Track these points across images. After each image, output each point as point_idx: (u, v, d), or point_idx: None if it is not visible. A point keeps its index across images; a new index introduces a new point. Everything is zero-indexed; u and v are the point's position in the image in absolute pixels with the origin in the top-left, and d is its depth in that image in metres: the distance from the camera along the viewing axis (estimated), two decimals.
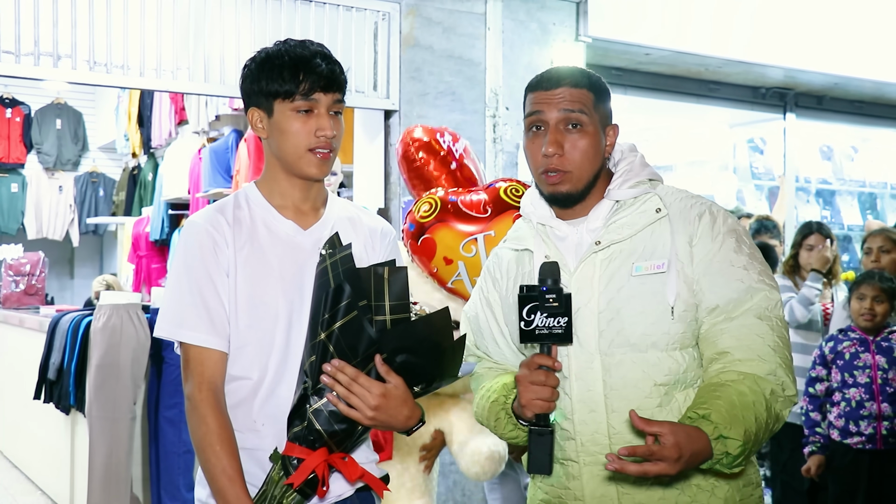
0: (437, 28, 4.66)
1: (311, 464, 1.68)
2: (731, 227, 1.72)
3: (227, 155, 6.02)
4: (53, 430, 5.12)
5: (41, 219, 9.20)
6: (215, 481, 1.70)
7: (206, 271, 1.75)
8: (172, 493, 4.12)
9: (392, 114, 4.66)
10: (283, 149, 1.80)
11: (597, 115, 1.74)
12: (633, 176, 1.77)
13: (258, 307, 1.77)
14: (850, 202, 7.36)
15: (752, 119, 6.67)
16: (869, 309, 3.70)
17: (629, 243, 1.72)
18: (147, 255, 7.54)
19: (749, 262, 1.69)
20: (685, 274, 1.68)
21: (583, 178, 1.74)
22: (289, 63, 1.75)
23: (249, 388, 1.77)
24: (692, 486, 1.69)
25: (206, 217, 1.81)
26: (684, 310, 1.68)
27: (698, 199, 1.76)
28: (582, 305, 1.71)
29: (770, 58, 5.68)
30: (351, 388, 1.64)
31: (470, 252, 2.41)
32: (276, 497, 1.69)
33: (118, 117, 8.49)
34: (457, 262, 2.42)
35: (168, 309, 1.78)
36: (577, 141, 1.72)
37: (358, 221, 1.93)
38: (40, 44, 3.93)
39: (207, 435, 1.71)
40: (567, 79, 1.74)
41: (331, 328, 1.64)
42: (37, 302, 6.47)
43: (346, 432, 1.71)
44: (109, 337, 3.99)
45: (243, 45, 4.30)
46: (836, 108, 6.72)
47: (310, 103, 1.76)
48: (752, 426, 1.54)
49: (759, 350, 1.64)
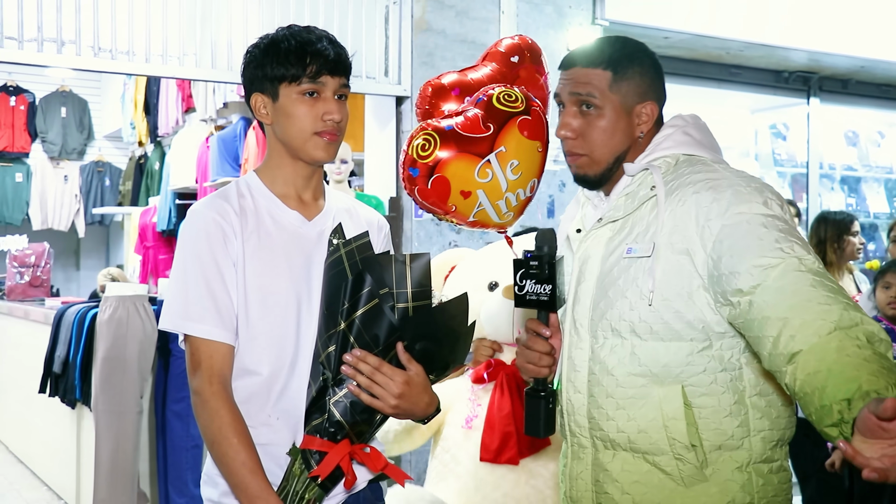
0: (449, 12, 4.57)
1: (335, 457, 1.68)
2: (754, 212, 1.53)
3: (236, 143, 6.02)
4: (59, 424, 5.13)
5: (46, 209, 9.18)
6: (235, 475, 1.68)
7: (213, 261, 1.73)
8: (180, 488, 4.13)
9: (404, 100, 4.59)
10: (288, 133, 1.79)
11: (616, 95, 1.69)
12: (656, 150, 1.70)
13: (268, 298, 1.75)
14: (876, 189, 7.23)
15: (774, 104, 6.58)
16: (894, 296, 3.64)
17: (626, 222, 1.69)
18: (154, 245, 7.58)
19: (777, 238, 1.49)
20: (676, 260, 1.57)
21: (601, 161, 1.71)
22: (295, 47, 1.76)
23: (262, 381, 1.75)
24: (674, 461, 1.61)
25: (212, 205, 1.78)
26: (667, 298, 1.57)
27: (724, 180, 1.59)
28: (584, 281, 1.71)
29: (793, 41, 5.58)
30: (374, 377, 1.65)
31: (486, 177, 2.26)
32: (298, 492, 1.69)
33: (124, 105, 8.50)
34: (475, 192, 2.27)
35: (174, 300, 1.75)
36: (592, 122, 1.70)
37: (355, 213, 1.94)
38: (44, 29, 3.90)
39: (223, 428, 1.68)
40: (581, 59, 1.72)
41: (351, 317, 1.65)
42: (42, 294, 6.50)
43: (367, 422, 1.71)
44: (116, 329, 3.99)
45: (251, 30, 4.25)
46: (861, 93, 6.61)
47: (316, 86, 1.77)
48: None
49: (814, 310, 1.40)
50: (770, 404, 1.61)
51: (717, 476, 1.59)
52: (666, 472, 1.60)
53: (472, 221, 2.36)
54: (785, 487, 1.66)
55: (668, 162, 1.68)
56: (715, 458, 1.59)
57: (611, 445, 1.65)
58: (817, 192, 6.52)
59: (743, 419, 1.59)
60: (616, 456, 1.65)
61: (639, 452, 1.62)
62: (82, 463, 4.80)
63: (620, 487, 1.64)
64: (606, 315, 1.64)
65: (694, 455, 1.58)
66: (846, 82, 6.50)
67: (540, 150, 2.30)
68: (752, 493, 1.60)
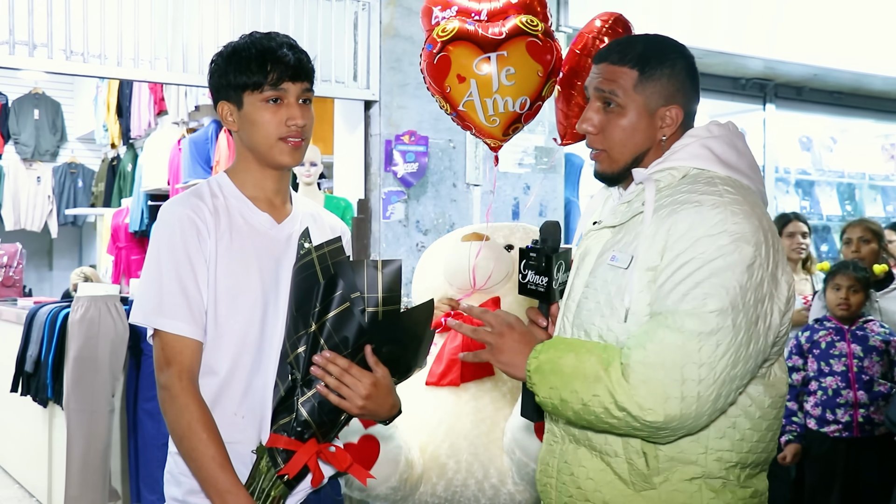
0: (417, 18, 4.58)
1: (303, 456, 1.70)
2: (700, 254, 1.49)
3: (207, 146, 6.02)
4: (31, 422, 5.09)
5: (19, 210, 9.12)
6: (204, 469, 1.69)
7: (187, 258, 1.74)
8: (151, 485, 4.12)
9: (372, 104, 4.66)
10: (254, 140, 1.81)
11: (640, 96, 1.65)
12: (669, 159, 1.65)
13: (237, 298, 1.77)
14: (828, 192, 7.40)
15: (732, 110, 6.68)
16: (844, 299, 3.74)
17: (618, 230, 1.67)
18: (126, 246, 7.52)
19: (693, 295, 1.48)
20: (647, 276, 1.55)
21: (619, 160, 1.68)
22: (256, 55, 1.78)
23: (226, 379, 1.77)
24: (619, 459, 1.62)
25: (187, 203, 1.79)
26: (636, 314, 1.55)
27: (712, 205, 1.52)
28: (578, 277, 1.70)
29: (750, 49, 5.72)
30: (342, 378, 1.67)
31: (482, 71, 2.48)
32: (264, 489, 1.71)
33: (97, 107, 8.45)
34: (469, 80, 2.48)
35: (146, 295, 1.76)
36: (613, 120, 1.67)
37: (319, 218, 1.96)
38: (15, 32, 3.92)
39: (192, 423, 1.69)
40: (613, 55, 1.69)
41: (322, 319, 1.67)
42: (14, 294, 6.44)
43: (333, 422, 1.74)
44: (87, 329, 3.99)
45: (222, 34, 4.29)
46: (815, 100, 6.78)
47: (278, 93, 1.78)
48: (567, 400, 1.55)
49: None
50: (734, 426, 1.57)
51: (666, 485, 1.57)
52: (617, 473, 1.61)
53: (461, 111, 2.56)
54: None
55: (673, 175, 1.63)
56: (666, 468, 1.57)
57: (574, 440, 1.67)
58: (773, 194, 6.63)
59: (699, 436, 1.55)
60: (577, 450, 1.67)
61: (596, 451, 1.63)
62: (54, 461, 4.77)
63: (576, 481, 1.66)
64: (583, 315, 1.65)
65: (644, 462, 1.58)
66: (800, 89, 6.65)
67: (540, 74, 2.53)
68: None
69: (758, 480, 1.65)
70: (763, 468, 1.67)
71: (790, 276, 1.61)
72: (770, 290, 1.54)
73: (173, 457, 1.80)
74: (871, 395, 3.64)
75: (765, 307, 1.53)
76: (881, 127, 7.76)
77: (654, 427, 1.47)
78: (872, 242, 4.26)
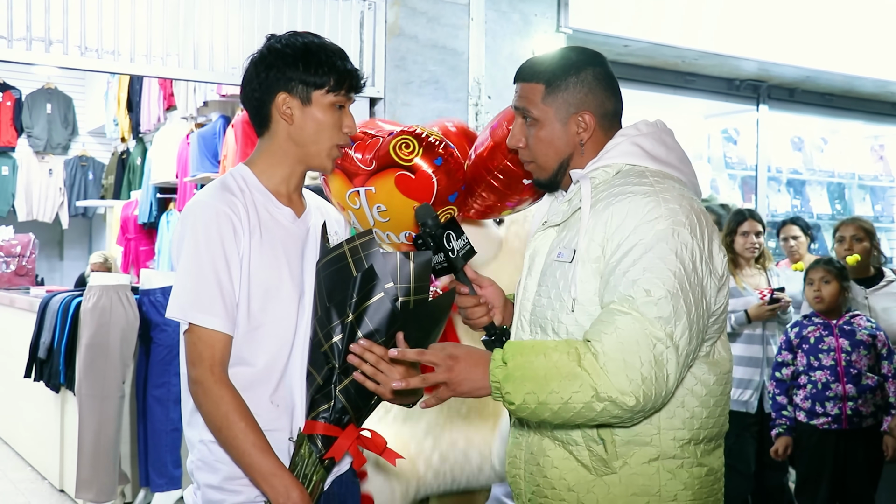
0: (421, 18, 4.73)
1: (346, 441, 1.77)
2: (640, 240, 1.58)
3: (215, 140, 6.07)
4: (43, 408, 5.14)
5: (31, 201, 9.22)
6: (247, 455, 1.72)
7: (223, 254, 1.75)
8: (160, 469, 4.21)
9: (377, 101, 4.71)
10: (311, 137, 1.84)
11: (550, 107, 1.76)
12: (603, 158, 1.74)
13: (270, 292, 1.80)
14: (819, 192, 7.46)
15: (726, 110, 6.77)
16: (817, 291, 3.81)
17: (564, 226, 1.76)
18: (135, 237, 7.58)
19: (640, 279, 1.56)
20: (590, 268, 1.64)
21: (546, 167, 1.80)
22: (336, 59, 1.83)
23: (257, 371, 1.80)
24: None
25: (221, 198, 1.79)
26: (583, 304, 1.64)
27: (643, 195, 1.63)
28: (530, 276, 1.80)
29: (744, 51, 5.76)
30: (379, 366, 1.72)
31: (355, 204, 2.29)
32: (307, 474, 1.76)
33: (108, 102, 8.49)
34: (347, 212, 2.31)
35: (183, 290, 1.76)
36: (533, 133, 1.79)
37: (325, 211, 2.01)
38: (32, 29, 3.96)
39: (230, 413, 1.72)
40: (522, 74, 1.82)
41: (359, 309, 1.74)
42: (27, 283, 6.52)
43: (367, 407, 1.82)
44: (99, 317, 4.04)
45: (232, 32, 4.36)
46: (807, 101, 6.83)
47: (345, 100, 1.85)
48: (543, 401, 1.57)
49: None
50: (683, 405, 1.66)
51: (625, 469, 1.66)
52: (579, 460, 1.69)
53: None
54: (699, 482, 1.69)
55: (607, 172, 1.72)
56: (624, 452, 1.65)
57: (538, 431, 1.76)
58: (765, 193, 6.71)
59: (651, 418, 1.64)
60: (542, 441, 1.74)
61: (558, 440, 1.71)
62: (66, 445, 4.81)
63: (542, 470, 1.74)
64: (536, 311, 1.74)
65: (602, 448, 1.65)
66: (793, 91, 6.70)
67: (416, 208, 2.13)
68: (658, 485, 1.65)
69: (713, 458, 1.74)
70: (717, 443, 1.76)
71: (723, 254, 1.71)
72: (708, 267, 1.64)
73: (207, 445, 1.80)
74: (859, 388, 3.70)
75: (705, 284, 1.63)
76: (871, 128, 7.82)
77: (634, 410, 1.54)
78: (865, 241, 4.31)
